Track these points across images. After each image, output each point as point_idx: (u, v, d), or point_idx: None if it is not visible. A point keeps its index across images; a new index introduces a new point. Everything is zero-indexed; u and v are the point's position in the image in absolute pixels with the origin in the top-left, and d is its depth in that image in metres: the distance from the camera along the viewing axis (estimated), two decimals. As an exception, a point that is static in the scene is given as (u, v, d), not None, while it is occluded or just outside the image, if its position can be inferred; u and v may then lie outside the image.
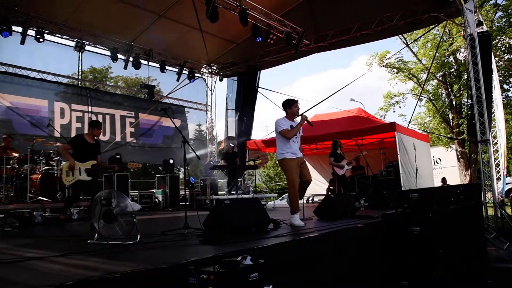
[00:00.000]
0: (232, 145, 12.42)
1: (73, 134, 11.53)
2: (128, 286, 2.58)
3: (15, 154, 7.78)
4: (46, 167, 8.26)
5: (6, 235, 5.39)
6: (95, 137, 6.44)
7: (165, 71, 13.55)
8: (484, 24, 10.26)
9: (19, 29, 10.26)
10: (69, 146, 6.24)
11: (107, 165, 6.83)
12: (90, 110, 12.16)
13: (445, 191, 5.82)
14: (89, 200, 6.49)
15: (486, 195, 9.21)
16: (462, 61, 19.36)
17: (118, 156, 11.24)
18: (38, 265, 3.07)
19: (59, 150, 6.73)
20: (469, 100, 10.01)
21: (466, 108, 18.97)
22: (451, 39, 19.16)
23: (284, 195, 23.54)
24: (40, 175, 7.91)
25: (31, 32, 10.35)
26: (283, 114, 5.86)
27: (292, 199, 5.66)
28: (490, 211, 9.20)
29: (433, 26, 13.95)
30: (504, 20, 18.77)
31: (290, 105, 5.81)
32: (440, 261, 4.68)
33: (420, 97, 20.49)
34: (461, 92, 19.19)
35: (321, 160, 14.95)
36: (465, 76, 17.26)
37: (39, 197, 7.63)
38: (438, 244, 4.74)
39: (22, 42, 10.29)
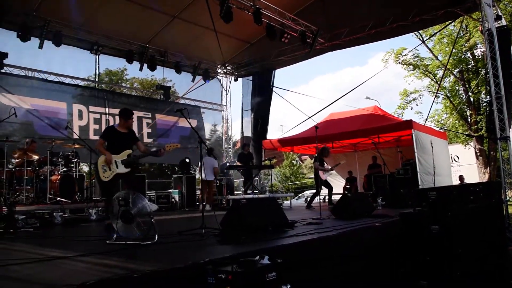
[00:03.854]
0: (247, 146, 12.40)
1: (91, 135, 11.72)
2: (148, 285, 2.62)
3: (35, 157, 7.93)
4: (65, 169, 8.41)
5: (28, 235, 5.52)
6: (128, 128, 5.92)
7: (180, 72, 13.67)
8: (503, 18, 10.04)
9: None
10: (102, 140, 5.83)
11: (149, 151, 6.00)
12: (107, 111, 12.33)
13: (464, 189, 5.74)
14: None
15: (507, 193, 9.03)
16: (480, 56, 18.97)
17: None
18: (62, 264, 3.13)
19: (96, 147, 6.31)
20: (488, 97, 9.82)
21: (484, 104, 18.59)
22: (468, 34, 18.78)
23: (300, 195, 23.50)
24: (59, 177, 8.04)
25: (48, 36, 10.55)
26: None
27: None
28: (511, 210, 9.02)
29: (450, 22, 13.71)
30: (523, 14, 18.30)
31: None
32: (459, 261, 4.61)
33: (437, 94, 20.16)
34: (479, 88, 18.81)
35: (337, 159, 14.83)
36: (483, 72, 16.91)
37: (59, 198, 7.77)
38: (457, 244, 4.67)
39: (41, 47, 10.49)
